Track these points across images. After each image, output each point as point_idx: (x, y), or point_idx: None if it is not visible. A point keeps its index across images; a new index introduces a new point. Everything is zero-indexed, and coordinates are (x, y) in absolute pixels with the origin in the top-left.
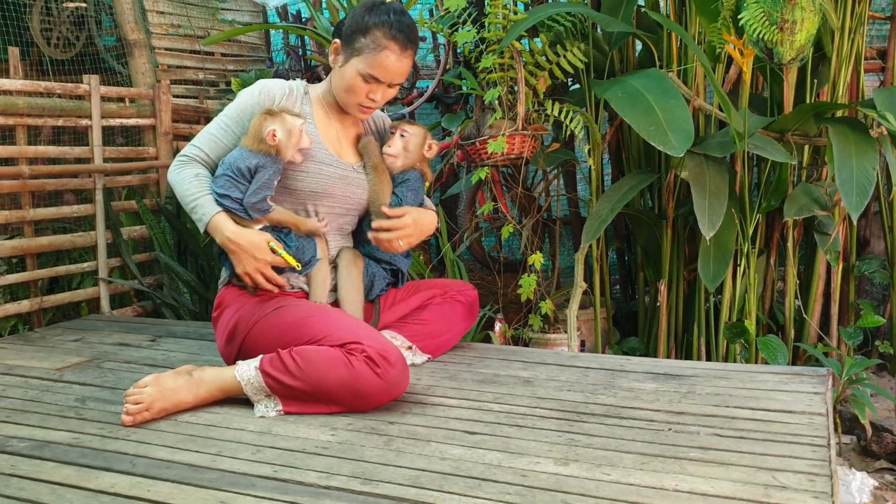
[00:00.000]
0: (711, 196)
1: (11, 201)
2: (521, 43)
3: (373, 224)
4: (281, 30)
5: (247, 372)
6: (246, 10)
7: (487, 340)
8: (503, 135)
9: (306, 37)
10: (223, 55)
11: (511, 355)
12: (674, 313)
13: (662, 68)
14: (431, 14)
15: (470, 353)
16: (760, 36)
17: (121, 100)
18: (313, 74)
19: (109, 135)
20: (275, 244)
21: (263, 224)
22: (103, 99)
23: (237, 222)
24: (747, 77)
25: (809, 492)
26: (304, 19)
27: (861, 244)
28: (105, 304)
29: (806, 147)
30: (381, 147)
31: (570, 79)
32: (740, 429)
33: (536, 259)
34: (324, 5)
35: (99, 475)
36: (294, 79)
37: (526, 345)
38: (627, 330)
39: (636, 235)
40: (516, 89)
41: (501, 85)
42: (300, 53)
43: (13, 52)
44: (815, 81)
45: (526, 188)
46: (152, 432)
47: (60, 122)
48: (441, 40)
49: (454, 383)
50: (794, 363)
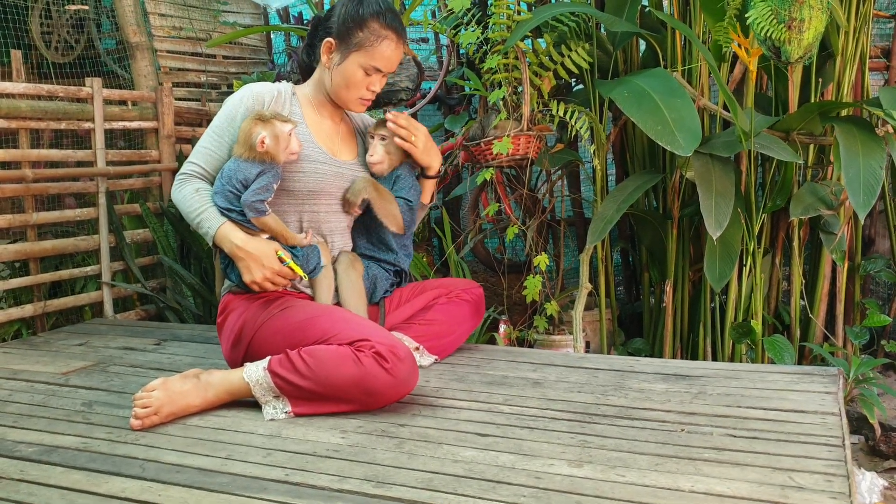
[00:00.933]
0: (718, 196)
1: (14, 205)
2: (526, 43)
3: (389, 115)
4: (282, 31)
5: (255, 373)
6: (247, 13)
7: (492, 342)
8: (508, 135)
9: None
10: (225, 57)
11: (519, 357)
12: (679, 314)
13: (667, 68)
14: (434, 15)
15: (477, 355)
16: (768, 34)
17: (123, 103)
18: None
19: (112, 138)
20: (283, 253)
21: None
22: (106, 102)
23: (244, 232)
24: (753, 76)
25: (827, 492)
26: (306, 21)
27: (866, 243)
28: (108, 308)
29: (811, 146)
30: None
31: (575, 79)
32: (753, 429)
33: (541, 260)
34: (325, 7)
35: (109, 480)
36: (298, 82)
37: (531, 346)
38: (633, 331)
39: (641, 236)
40: (520, 90)
41: (506, 86)
42: None
43: (15, 55)
44: (820, 80)
45: (530, 189)
46: (161, 436)
47: (63, 126)
48: (444, 41)
49: (463, 385)
50: (801, 363)
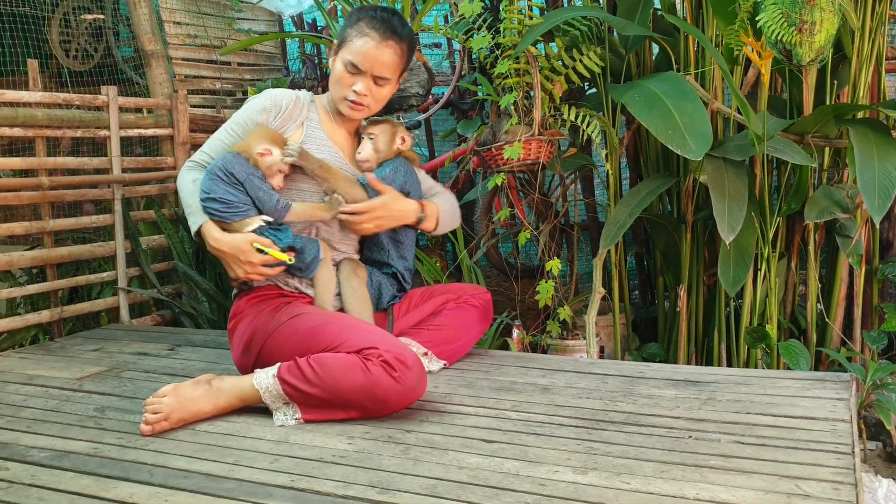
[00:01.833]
0: (731, 200)
1: (32, 212)
2: (537, 48)
3: (340, 209)
4: (297, 38)
5: (265, 380)
6: (262, 20)
7: (505, 347)
8: (519, 140)
9: (322, 45)
10: (240, 64)
11: (529, 362)
12: (694, 318)
13: (680, 71)
14: (446, 20)
15: (487, 361)
16: (779, 37)
17: (139, 110)
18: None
19: (127, 145)
20: (259, 244)
21: (258, 224)
22: (121, 109)
23: (224, 228)
24: (766, 79)
25: (833, 500)
26: (320, 28)
27: (884, 246)
28: (124, 314)
29: (826, 149)
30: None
31: (587, 83)
32: (762, 436)
33: (554, 265)
34: (339, 14)
35: (117, 485)
36: (312, 87)
37: (544, 351)
38: (647, 336)
39: (655, 240)
40: (532, 94)
41: (517, 90)
42: (316, 62)
43: (32, 65)
44: (835, 83)
45: (543, 193)
46: (170, 442)
47: (79, 133)
48: (456, 46)
49: (471, 391)
50: (817, 368)
